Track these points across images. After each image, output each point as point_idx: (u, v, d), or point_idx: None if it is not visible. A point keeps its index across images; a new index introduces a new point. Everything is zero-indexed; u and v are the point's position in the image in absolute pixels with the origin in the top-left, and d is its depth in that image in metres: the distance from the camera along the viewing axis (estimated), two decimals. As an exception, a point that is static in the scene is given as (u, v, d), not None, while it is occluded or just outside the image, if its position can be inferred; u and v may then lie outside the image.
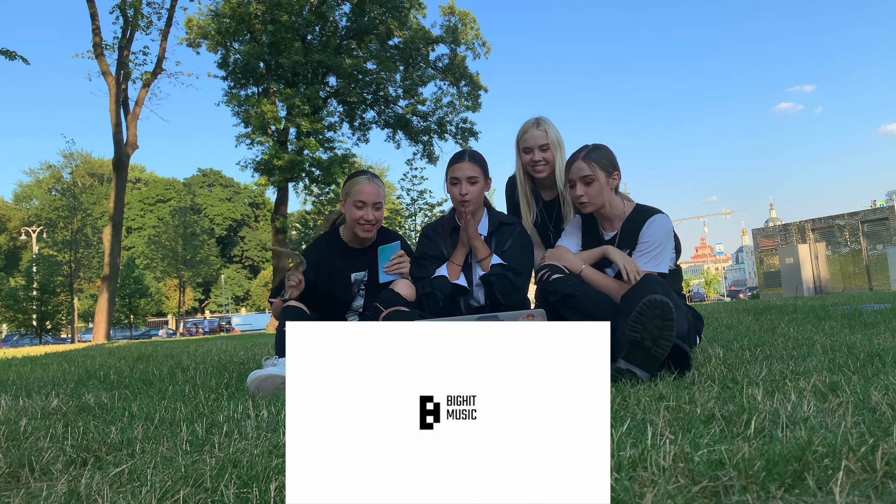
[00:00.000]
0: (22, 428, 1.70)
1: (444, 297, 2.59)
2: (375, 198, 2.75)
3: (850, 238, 19.99)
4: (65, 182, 43.14)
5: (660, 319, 1.90)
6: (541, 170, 2.84)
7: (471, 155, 2.71)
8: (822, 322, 3.83)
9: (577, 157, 2.51)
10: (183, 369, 3.47)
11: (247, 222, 70.48)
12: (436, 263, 2.71)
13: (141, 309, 42.41)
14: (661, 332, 1.91)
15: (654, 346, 1.91)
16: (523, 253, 2.68)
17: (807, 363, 2.10)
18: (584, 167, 2.47)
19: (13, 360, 5.54)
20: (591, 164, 2.47)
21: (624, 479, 0.97)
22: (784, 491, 0.91)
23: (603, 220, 2.60)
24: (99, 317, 19.95)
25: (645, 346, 1.92)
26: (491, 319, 2.18)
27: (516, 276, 2.59)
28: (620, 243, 2.54)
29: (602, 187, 2.48)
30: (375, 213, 2.76)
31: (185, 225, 45.80)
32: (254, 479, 1.09)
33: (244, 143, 23.75)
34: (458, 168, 2.66)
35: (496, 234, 2.73)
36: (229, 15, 22.62)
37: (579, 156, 2.50)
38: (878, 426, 1.18)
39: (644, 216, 2.53)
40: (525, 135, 2.86)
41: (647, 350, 1.92)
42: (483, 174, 2.69)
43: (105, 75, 20.25)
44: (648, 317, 1.91)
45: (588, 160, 2.47)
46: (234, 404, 1.95)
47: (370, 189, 2.75)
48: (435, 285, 2.61)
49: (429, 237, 2.79)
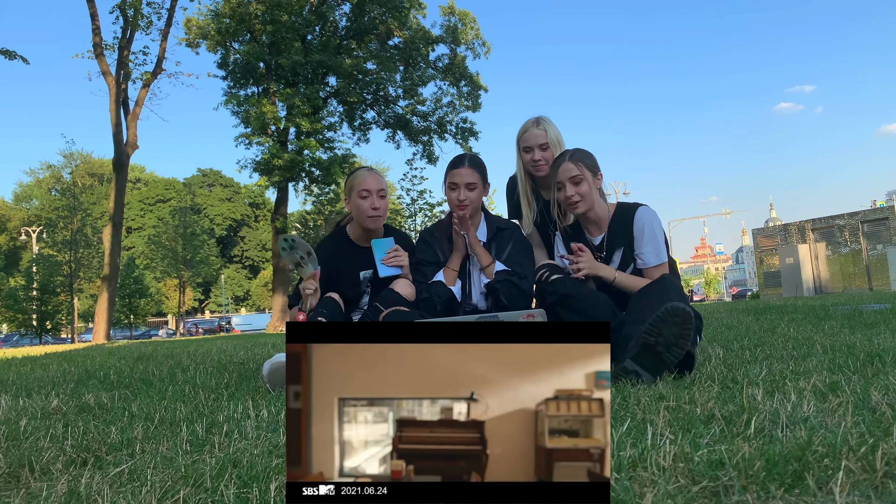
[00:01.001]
0: (22, 428, 1.70)
1: (442, 302, 2.60)
2: (378, 185, 2.79)
3: (850, 238, 19.99)
4: (65, 182, 43.13)
5: (678, 328, 1.90)
6: (541, 168, 2.85)
7: (470, 160, 2.72)
8: (822, 322, 3.83)
9: (563, 159, 2.51)
10: (183, 369, 3.47)
11: (247, 222, 70.49)
12: (433, 269, 2.72)
13: (141, 309, 42.43)
14: (677, 341, 1.91)
15: (666, 352, 1.91)
16: (524, 256, 2.69)
17: (807, 363, 2.10)
18: (572, 167, 2.47)
19: (13, 360, 5.54)
20: (578, 164, 2.47)
21: (624, 479, 0.97)
22: (784, 491, 0.91)
23: (589, 224, 2.59)
24: (99, 317, 19.95)
25: (657, 350, 1.92)
26: (491, 319, 2.18)
27: (522, 281, 2.60)
28: (609, 245, 2.54)
29: (590, 187, 2.48)
30: (381, 201, 2.79)
31: (185, 225, 45.80)
32: (254, 479, 1.09)
33: (243, 143, 23.77)
34: (456, 174, 2.68)
35: (495, 239, 2.74)
36: (229, 15, 22.63)
37: (564, 158, 2.51)
38: (878, 426, 1.18)
39: (628, 212, 2.53)
40: (525, 134, 2.87)
41: (658, 355, 1.92)
42: (482, 180, 2.71)
43: (105, 75, 20.25)
44: (668, 324, 1.90)
45: (574, 160, 2.48)
46: (234, 404, 1.96)
47: (372, 178, 2.80)
48: (432, 291, 2.63)
49: (426, 242, 2.81)
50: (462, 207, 2.66)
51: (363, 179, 2.79)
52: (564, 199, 2.49)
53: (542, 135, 2.82)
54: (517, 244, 2.73)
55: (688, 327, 1.90)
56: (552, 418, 0.91)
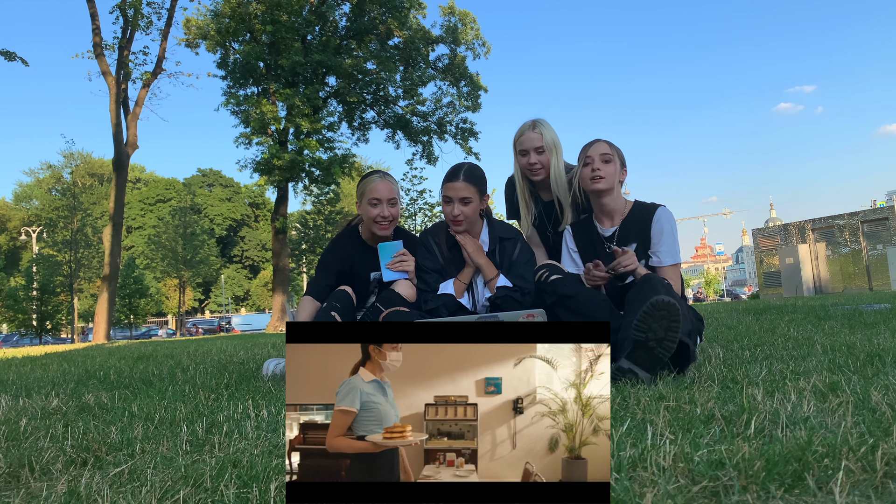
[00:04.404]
0: (22, 428, 1.70)
1: (449, 314, 2.58)
2: (389, 194, 2.78)
3: (850, 238, 19.99)
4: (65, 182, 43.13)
5: (666, 321, 1.90)
6: (537, 172, 2.82)
7: (466, 173, 2.60)
8: (822, 322, 3.83)
9: (598, 140, 2.57)
10: (183, 369, 3.47)
11: (247, 222, 70.47)
12: (434, 276, 2.69)
13: (141, 309, 42.42)
14: (667, 333, 1.91)
15: (658, 346, 1.92)
16: (527, 269, 2.64)
17: (807, 363, 2.10)
18: (606, 147, 2.53)
19: (13, 360, 5.54)
20: (611, 146, 2.54)
21: (624, 479, 0.97)
22: (784, 491, 0.91)
23: (602, 215, 2.60)
24: (99, 317, 19.94)
25: (649, 346, 1.92)
26: (491, 319, 2.18)
27: (524, 297, 2.56)
28: (621, 238, 2.54)
29: (616, 172, 2.52)
30: (391, 209, 2.79)
31: (185, 225, 45.80)
32: (254, 479, 1.09)
33: (243, 143, 23.76)
34: (451, 187, 2.59)
35: (498, 250, 2.70)
36: (229, 15, 22.62)
37: (599, 140, 2.57)
38: (878, 426, 1.18)
39: (647, 211, 2.54)
40: (521, 137, 2.84)
41: (650, 350, 1.92)
42: (478, 193, 2.61)
43: (105, 75, 20.24)
44: (655, 317, 1.91)
45: (608, 143, 2.55)
46: (234, 404, 1.95)
47: (383, 186, 2.79)
48: (441, 302, 2.61)
49: (428, 249, 2.74)
50: (457, 223, 2.61)
51: (374, 186, 2.78)
52: (589, 173, 2.50)
53: (538, 138, 2.79)
54: (521, 255, 2.67)
55: (675, 319, 1.90)
56: (431, 422, 0.93)
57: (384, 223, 2.78)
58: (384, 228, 2.79)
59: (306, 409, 0.93)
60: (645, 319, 1.92)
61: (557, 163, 2.79)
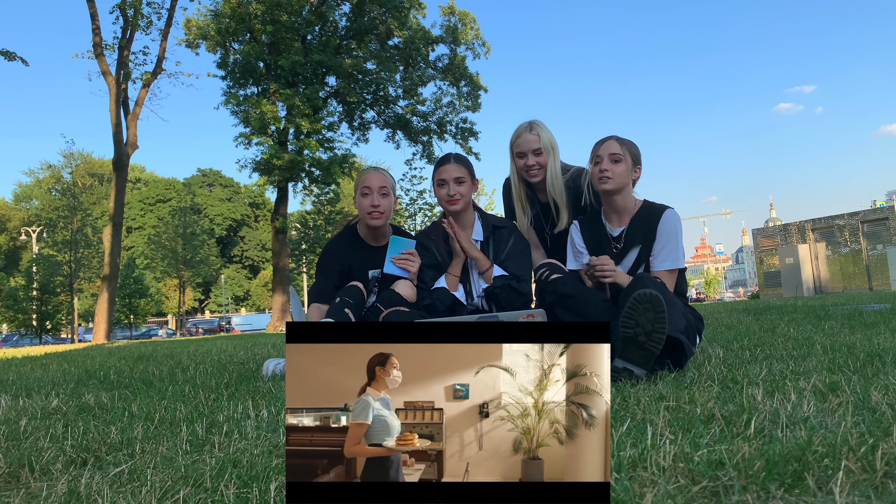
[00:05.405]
0: (22, 428, 1.70)
1: (445, 308, 2.60)
2: (380, 182, 2.80)
3: (850, 238, 19.99)
4: (65, 182, 43.06)
5: (651, 312, 1.90)
6: (534, 174, 2.81)
7: (456, 157, 2.73)
8: (822, 322, 3.83)
9: (610, 137, 2.54)
10: (183, 369, 3.47)
11: (247, 222, 70.47)
12: (431, 273, 2.71)
13: (141, 309, 42.42)
14: (654, 326, 1.90)
15: (648, 340, 1.91)
16: (522, 257, 2.67)
17: (807, 363, 2.10)
18: (616, 146, 2.49)
19: (13, 360, 5.54)
20: (623, 146, 2.49)
21: (624, 479, 0.97)
22: (784, 491, 0.91)
23: (612, 214, 2.59)
24: (99, 317, 19.95)
25: (639, 340, 1.92)
26: (491, 319, 2.18)
27: (520, 284, 2.59)
28: (628, 239, 2.53)
29: (626, 171, 2.49)
30: (382, 199, 2.79)
31: (185, 225, 45.81)
32: (254, 479, 1.09)
33: (243, 143, 23.76)
34: (444, 170, 2.69)
35: (492, 238, 2.72)
36: (229, 15, 22.61)
37: (612, 137, 2.53)
38: (878, 426, 1.18)
39: (656, 212, 2.53)
40: (518, 139, 2.82)
41: (641, 345, 1.92)
42: (470, 175, 2.71)
43: (105, 75, 20.25)
44: (639, 311, 1.91)
45: (620, 141, 2.51)
46: (234, 404, 1.95)
47: (375, 175, 2.82)
48: (435, 297, 2.63)
49: (424, 247, 2.79)
50: (453, 202, 2.65)
51: (366, 177, 2.82)
52: (598, 173, 2.49)
53: (536, 140, 2.77)
54: (516, 244, 2.71)
55: (660, 310, 1.90)
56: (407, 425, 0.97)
57: (375, 213, 2.79)
58: (376, 219, 2.80)
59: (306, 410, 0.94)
60: (630, 314, 1.92)
61: (554, 164, 2.78)
